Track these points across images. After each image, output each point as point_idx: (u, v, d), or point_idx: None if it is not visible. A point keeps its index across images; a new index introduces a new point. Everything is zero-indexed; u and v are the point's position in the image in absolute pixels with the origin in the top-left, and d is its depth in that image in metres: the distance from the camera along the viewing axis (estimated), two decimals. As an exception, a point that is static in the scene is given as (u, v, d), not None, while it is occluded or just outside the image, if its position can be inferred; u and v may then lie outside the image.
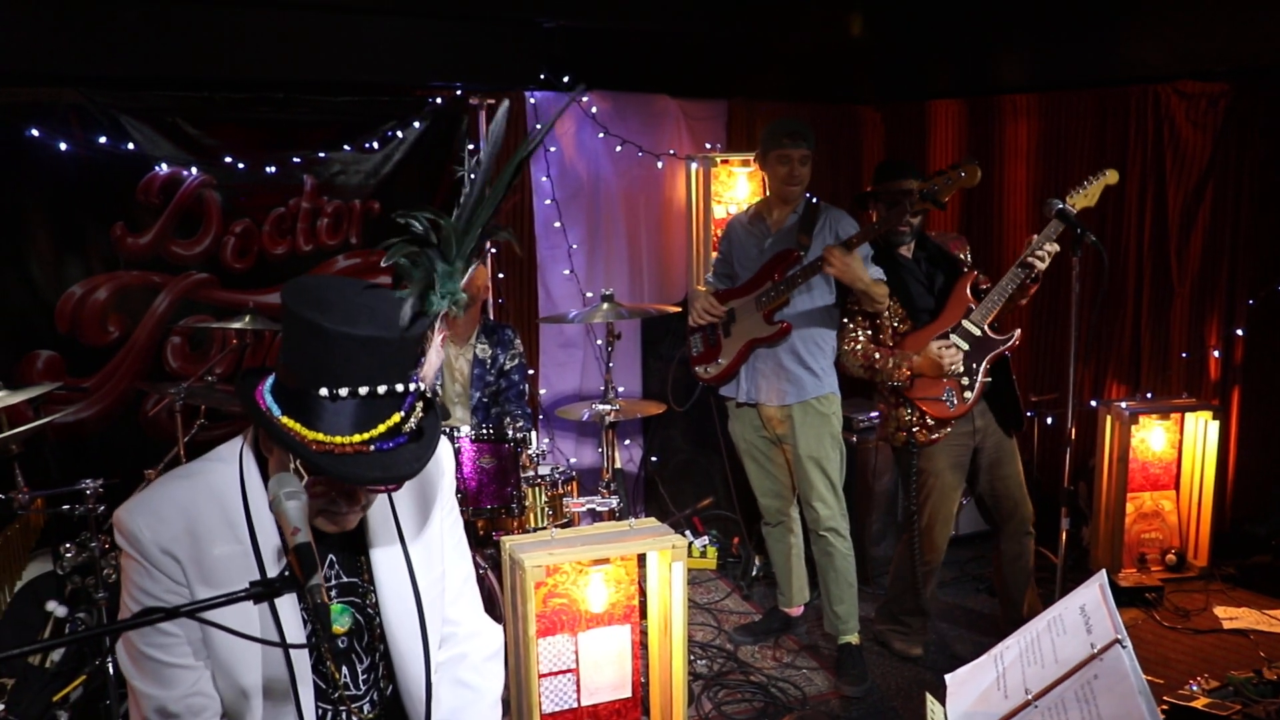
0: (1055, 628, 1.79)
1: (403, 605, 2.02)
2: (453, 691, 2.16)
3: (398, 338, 1.78)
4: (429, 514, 2.11)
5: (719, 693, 4.48)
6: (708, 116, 6.48)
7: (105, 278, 5.01)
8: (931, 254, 4.51)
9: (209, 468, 1.94)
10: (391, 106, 5.55)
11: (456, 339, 5.08)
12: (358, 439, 1.73)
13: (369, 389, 1.73)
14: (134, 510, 1.84)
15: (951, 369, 4.23)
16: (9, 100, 4.68)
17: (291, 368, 1.77)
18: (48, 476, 4.68)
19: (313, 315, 1.74)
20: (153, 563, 1.82)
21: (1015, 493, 4.46)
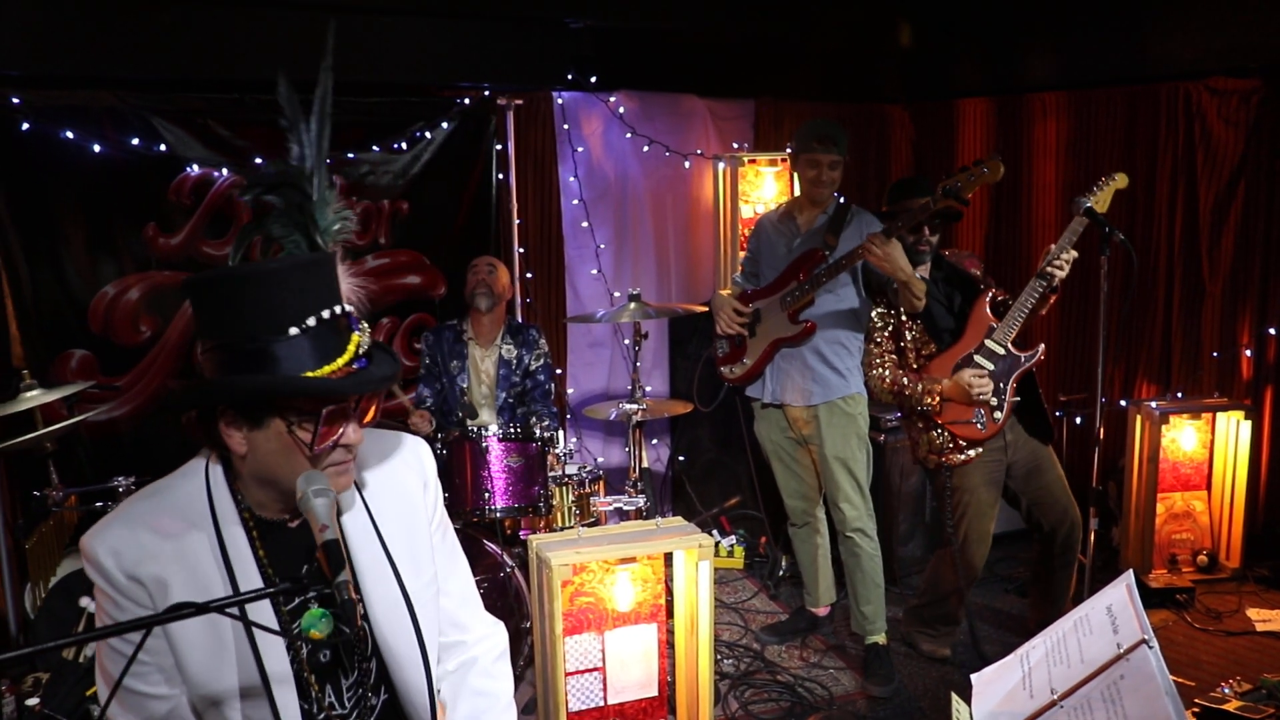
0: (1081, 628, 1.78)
1: (394, 613, 1.95)
2: (468, 700, 2.14)
3: (325, 258, 1.81)
4: (412, 519, 2.04)
5: (745, 692, 4.47)
6: (735, 116, 6.48)
7: (137, 278, 5.07)
8: (948, 274, 4.46)
9: (174, 485, 1.88)
10: (420, 107, 5.58)
11: (482, 340, 5.10)
12: (342, 361, 1.75)
13: (329, 311, 1.74)
14: (99, 537, 1.77)
15: (980, 398, 4.20)
16: (45, 103, 4.74)
17: (240, 335, 1.71)
18: (81, 474, 4.75)
19: (247, 270, 1.73)
20: (121, 591, 1.76)
21: (1061, 498, 4.39)
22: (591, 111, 6.07)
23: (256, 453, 1.79)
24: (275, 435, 1.76)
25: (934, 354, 4.35)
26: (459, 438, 4.45)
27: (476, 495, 4.40)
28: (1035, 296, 4.12)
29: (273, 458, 1.78)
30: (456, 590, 2.17)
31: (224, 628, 1.80)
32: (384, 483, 2.03)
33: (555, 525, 4.67)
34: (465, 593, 2.20)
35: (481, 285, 5.00)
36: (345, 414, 1.79)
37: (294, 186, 1.87)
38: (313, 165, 1.90)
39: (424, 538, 2.05)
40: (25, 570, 4.63)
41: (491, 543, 4.37)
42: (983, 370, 4.20)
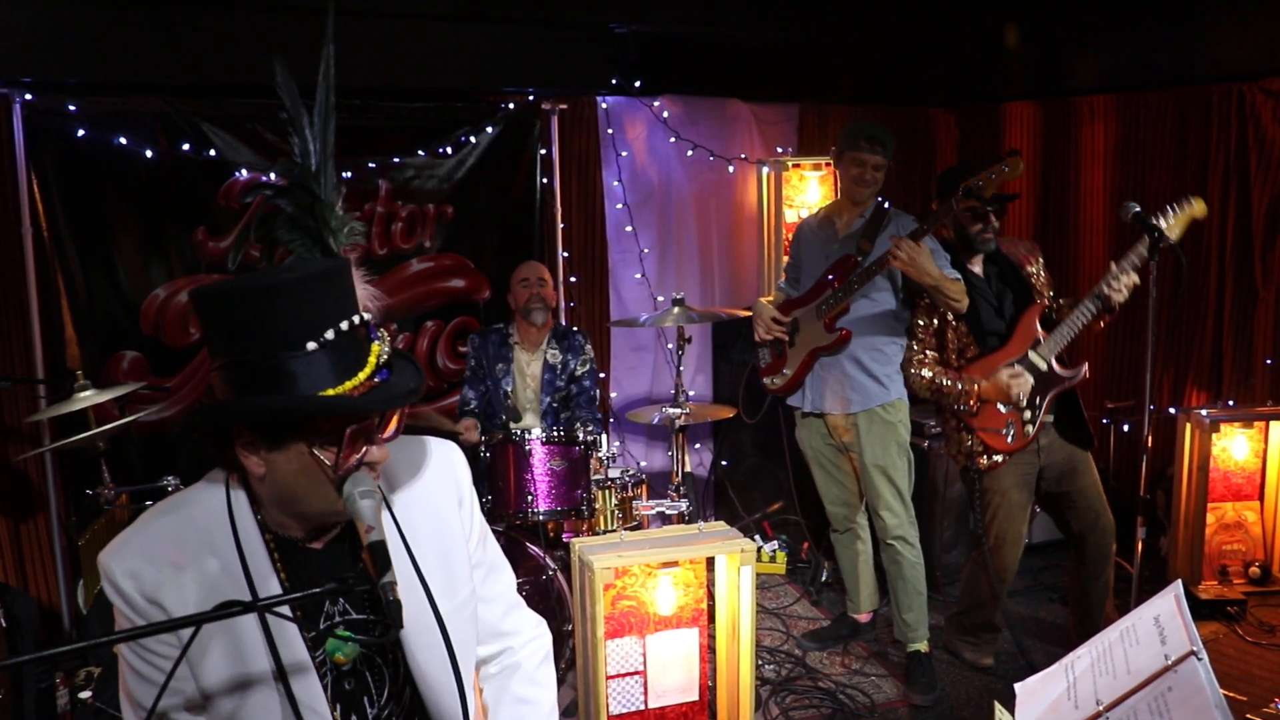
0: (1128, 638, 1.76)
1: (427, 636, 1.83)
2: (510, 708, 2.09)
3: (340, 265, 1.71)
4: (446, 536, 1.95)
5: (786, 698, 4.46)
6: (779, 120, 6.47)
7: (187, 280, 5.14)
8: (1003, 269, 4.38)
9: (193, 498, 1.80)
10: (465, 112, 5.61)
11: (527, 345, 5.12)
12: (363, 376, 1.66)
13: (347, 323, 1.65)
14: (118, 557, 1.71)
15: (1018, 398, 4.17)
16: (98, 110, 4.82)
17: (253, 353, 1.63)
18: (132, 473, 4.82)
19: (262, 282, 1.62)
20: (139, 614, 1.70)
21: (1094, 503, 4.34)
22: (636, 116, 6.09)
23: (276, 475, 1.70)
24: (296, 457, 1.68)
25: (976, 357, 4.32)
26: (503, 440, 4.48)
27: (519, 498, 4.42)
28: (1088, 316, 4.07)
29: (293, 479, 1.70)
30: (499, 597, 2.11)
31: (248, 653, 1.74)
32: (416, 498, 1.93)
33: (598, 528, 4.68)
34: (509, 599, 2.14)
35: (536, 299, 5.02)
36: (368, 431, 1.70)
37: (301, 187, 1.84)
38: (319, 163, 1.85)
39: (459, 556, 1.97)
40: (78, 566, 4.71)
41: (534, 545, 4.39)
42: (1020, 371, 4.17)
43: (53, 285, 4.89)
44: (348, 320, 1.65)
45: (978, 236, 4.25)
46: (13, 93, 4.67)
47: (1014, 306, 4.32)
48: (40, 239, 4.83)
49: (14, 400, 4.85)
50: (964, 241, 4.30)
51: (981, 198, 4.00)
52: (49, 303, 4.89)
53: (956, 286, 4.16)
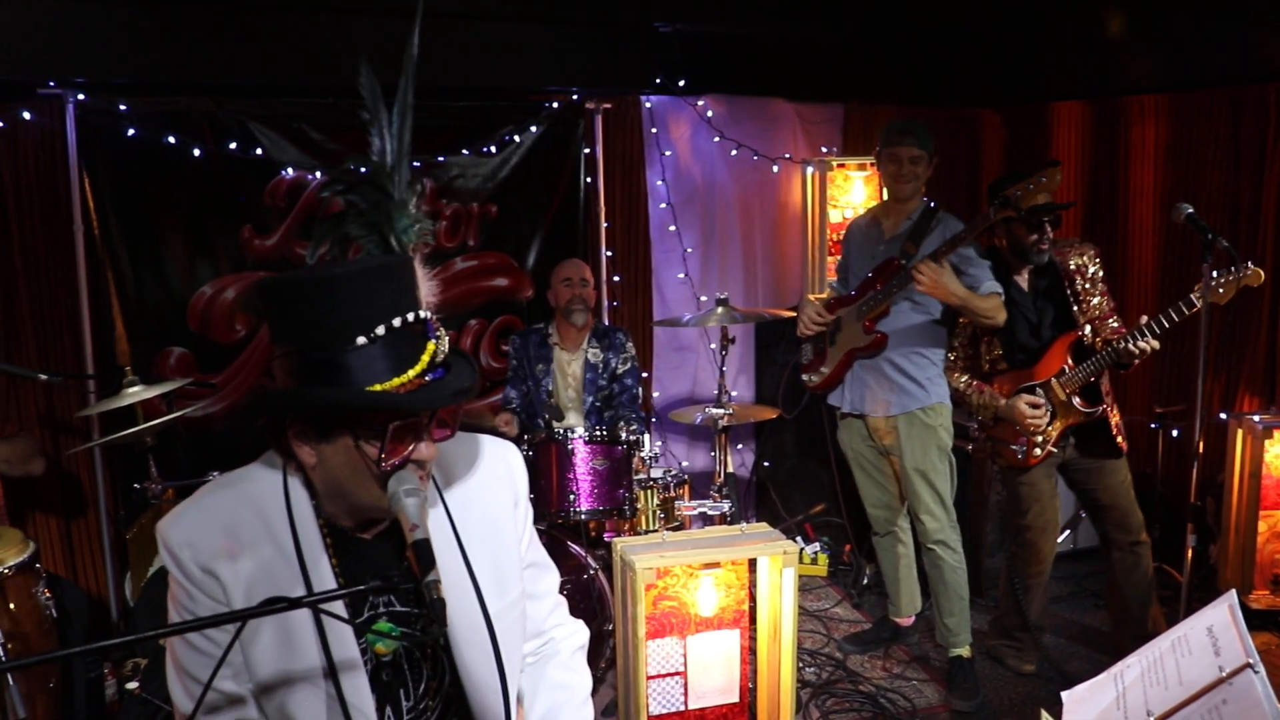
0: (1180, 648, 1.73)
1: (474, 634, 1.86)
2: (547, 694, 2.10)
3: (400, 262, 1.73)
4: (499, 536, 1.97)
5: (827, 701, 4.43)
6: (823, 120, 6.44)
7: (233, 278, 5.19)
8: (1051, 284, 4.30)
9: (252, 476, 1.84)
10: (509, 111, 5.63)
11: (568, 344, 5.13)
12: (413, 373, 1.67)
13: (400, 319, 1.66)
14: (176, 526, 1.75)
15: (1030, 430, 4.20)
16: (148, 109, 4.88)
17: (312, 343, 1.66)
18: (178, 468, 4.87)
19: (317, 274, 1.67)
20: (194, 583, 1.74)
21: (1121, 501, 4.30)
22: (679, 115, 6.08)
23: (325, 465, 1.74)
24: (343, 449, 1.70)
25: (1004, 370, 4.32)
26: (545, 440, 4.48)
27: (561, 497, 4.43)
28: (1103, 365, 4.06)
29: (340, 471, 1.73)
30: (545, 595, 2.14)
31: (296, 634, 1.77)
32: (472, 495, 1.95)
33: (639, 528, 4.68)
34: (553, 599, 2.17)
35: (577, 300, 5.02)
36: (415, 429, 1.72)
37: (374, 184, 1.85)
38: (394, 162, 1.87)
39: (511, 557, 1.98)
40: (126, 559, 4.77)
41: (575, 544, 4.39)
42: (1040, 402, 4.16)
43: (103, 282, 4.96)
44: (401, 317, 1.66)
45: (1033, 247, 4.18)
46: (66, 93, 4.74)
47: (1051, 329, 4.28)
48: (91, 236, 4.90)
49: (65, 395, 4.92)
50: (1017, 251, 4.24)
51: (1019, 208, 3.96)
52: (99, 299, 4.95)
53: (988, 303, 4.13)
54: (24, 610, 3.57)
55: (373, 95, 1.89)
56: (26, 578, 3.61)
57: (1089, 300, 4.23)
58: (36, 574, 3.67)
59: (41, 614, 3.64)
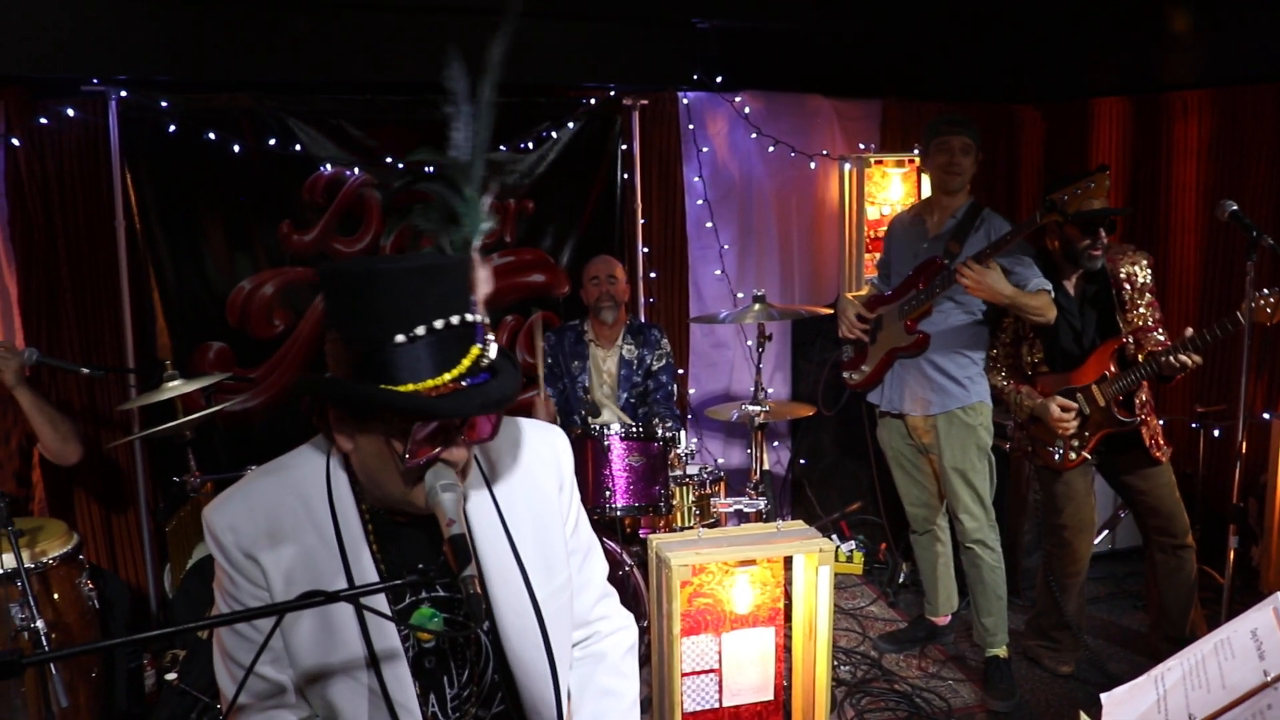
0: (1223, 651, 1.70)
1: (522, 621, 1.87)
2: (594, 700, 2.08)
3: (453, 262, 1.74)
4: (546, 521, 1.97)
5: (862, 700, 4.41)
6: (861, 116, 6.40)
7: (272, 273, 5.23)
8: (1100, 291, 4.24)
9: (296, 462, 1.87)
10: (547, 107, 5.63)
11: (603, 341, 5.13)
12: (448, 377, 1.66)
13: (443, 321, 1.66)
14: (220, 511, 1.78)
15: (1060, 434, 4.19)
16: (190, 106, 4.93)
17: (354, 333, 1.68)
18: (216, 461, 4.92)
19: (366, 267, 1.69)
20: (236, 568, 1.77)
21: (1165, 503, 4.25)
22: (717, 111, 6.06)
23: (359, 453, 1.76)
24: (374, 441, 1.72)
25: (1045, 373, 4.30)
26: (581, 436, 4.49)
27: (598, 493, 4.43)
28: (1146, 375, 4.02)
29: (372, 462, 1.75)
30: (591, 583, 2.12)
31: (337, 622, 1.78)
32: (517, 481, 1.96)
33: (675, 525, 4.68)
34: (601, 587, 2.16)
35: (605, 298, 5.03)
36: (445, 431, 1.72)
37: (447, 180, 1.86)
38: (470, 160, 1.88)
39: (558, 542, 1.98)
40: (165, 551, 4.82)
41: (611, 541, 4.39)
42: (1072, 406, 4.14)
43: (144, 277, 5.01)
44: (445, 319, 1.67)
45: (1085, 252, 4.12)
46: (109, 90, 4.79)
47: (1096, 335, 4.23)
48: (132, 232, 4.95)
49: (106, 389, 4.98)
50: (1069, 255, 4.18)
51: (1065, 213, 3.91)
52: (140, 294, 5.01)
53: (1038, 300, 4.08)
54: (67, 601, 3.62)
55: (457, 91, 1.91)
56: (70, 569, 3.66)
57: (1134, 309, 4.18)
58: (80, 565, 3.72)
59: (84, 604, 3.69)
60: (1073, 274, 4.25)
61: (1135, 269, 4.18)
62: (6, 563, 3.35)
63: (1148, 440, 4.18)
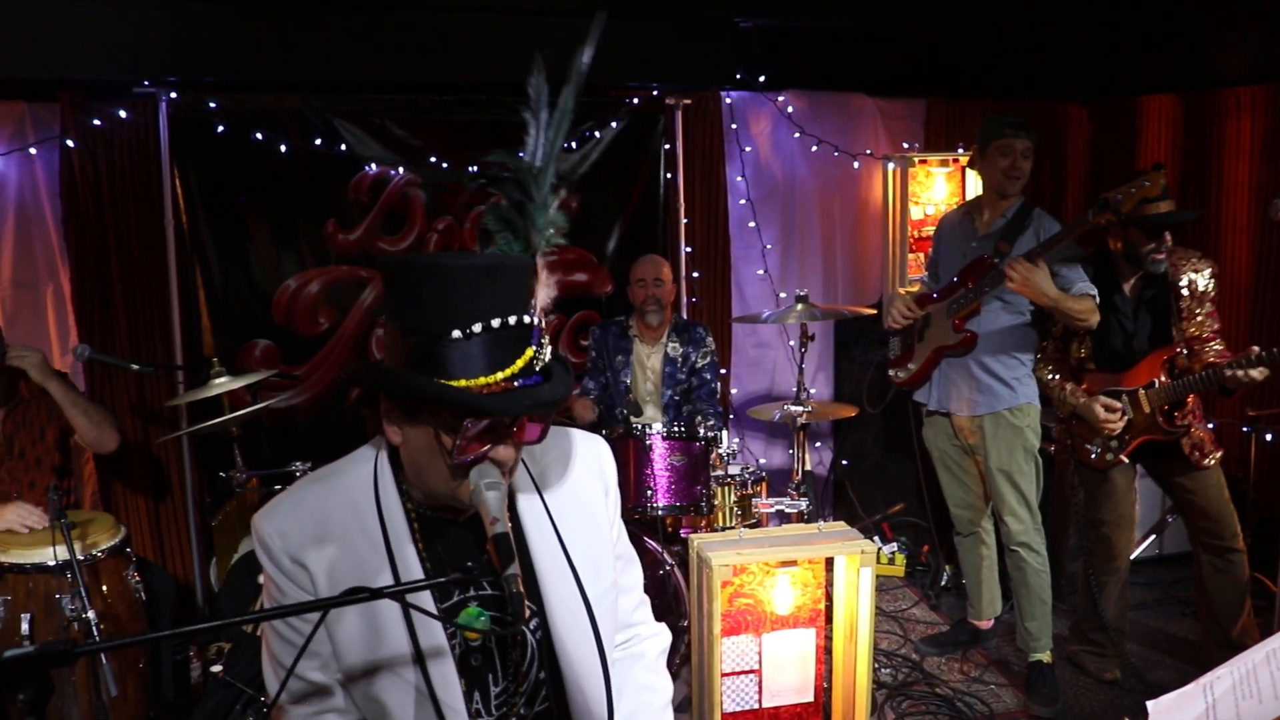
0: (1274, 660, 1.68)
1: (574, 619, 1.89)
2: (632, 696, 2.10)
3: (515, 263, 1.75)
4: (593, 525, 1.99)
5: (902, 703, 4.39)
6: (905, 116, 6.36)
7: (317, 272, 5.28)
8: (1158, 295, 4.16)
9: (344, 469, 1.88)
10: (589, 107, 5.64)
11: (647, 338, 5.13)
12: (501, 376, 1.68)
13: (500, 320, 1.68)
14: (268, 518, 1.80)
15: (1104, 433, 4.15)
16: (237, 107, 4.99)
17: (413, 325, 1.70)
18: (262, 457, 4.97)
19: (432, 261, 1.72)
20: (284, 573, 1.78)
21: (1213, 505, 4.18)
22: (760, 111, 6.05)
23: (408, 446, 1.78)
24: (424, 434, 1.74)
25: (1091, 370, 4.25)
26: (623, 434, 4.49)
27: (639, 492, 4.44)
28: (1202, 386, 3.96)
29: (420, 455, 1.76)
30: (632, 588, 2.15)
31: (383, 621, 1.78)
32: (565, 486, 1.98)
33: (716, 525, 4.67)
34: (639, 594, 2.19)
35: (651, 301, 5.03)
36: (496, 429, 1.73)
37: (518, 183, 1.87)
38: (542, 165, 1.89)
39: (605, 545, 2.01)
40: (212, 546, 4.88)
41: (652, 540, 4.39)
42: (1117, 406, 4.10)
43: (191, 275, 5.09)
44: (502, 319, 1.68)
45: (1148, 256, 4.04)
46: (159, 92, 4.87)
47: (1148, 341, 4.18)
48: (181, 231, 5.03)
49: (155, 385, 5.05)
50: (1131, 258, 4.11)
51: (1118, 212, 3.86)
52: (187, 292, 5.08)
53: (1081, 305, 4.03)
54: (115, 593, 3.68)
55: (538, 95, 1.93)
56: (118, 561, 3.72)
57: (1192, 318, 4.10)
58: (127, 558, 3.78)
59: (131, 597, 3.75)
60: (1132, 275, 4.18)
61: (1197, 276, 4.10)
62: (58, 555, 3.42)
63: (1188, 449, 4.12)
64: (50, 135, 4.78)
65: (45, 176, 4.83)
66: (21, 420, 4.04)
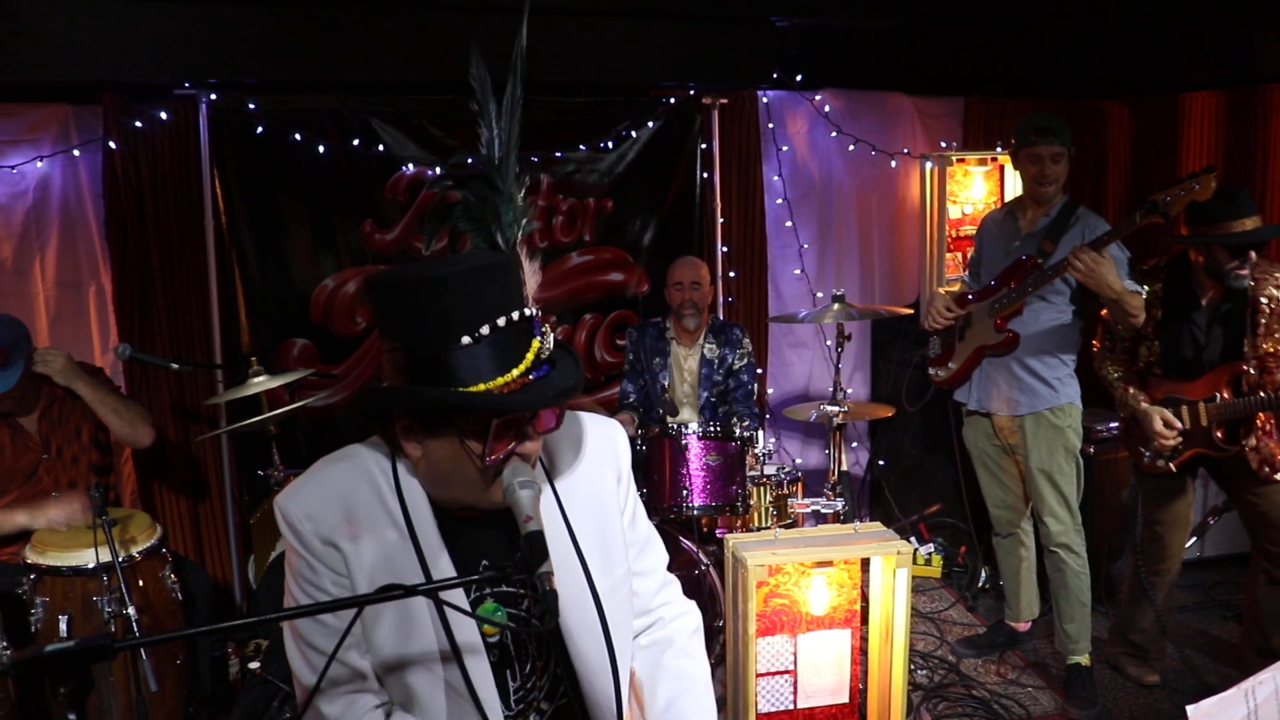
0: (1317, 665, 1.65)
1: (583, 614, 1.88)
2: (668, 683, 2.08)
3: (506, 260, 1.74)
4: (605, 514, 1.98)
5: (939, 705, 4.36)
6: (943, 114, 6.32)
7: (354, 271, 5.31)
8: (1234, 309, 4.03)
9: (362, 452, 1.88)
10: (626, 107, 5.65)
11: (684, 339, 5.13)
12: (515, 373, 1.68)
13: (505, 319, 1.68)
14: (294, 499, 1.80)
15: (1155, 447, 4.14)
16: (277, 107, 5.03)
17: (418, 341, 1.69)
18: (299, 455, 5.02)
19: (424, 273, 1.68)
20: (315, 555, 1.79)
21: (1273, 512, 4.12)
22: (796, 110, 6.03)
23: (430, 459, 1.77)
24: (448, 444, 1.73)
25: (1157, 375, 4.19)
26: (659, 434, 4.49)
27: (675, 492, 4.43)
28: (1260, 407, 3.93)
29: (444, 466, 1.76)
30: (652, 571, 2.13)
31: (416, 614, 1.80)
32: (577, 474, 1.97)
33: (752, 525, 4.66)
34: (662, 575, 2.16)
35: (688, 305, 5.02)
36: (518, 426, 1.74)
37: (482, 178, 1.86)
38: (501, 155, 1.88)
39: (616, 535, 1.99)
40: (250, 543, 4.92)
41: (687, 540, 4.39)
42: (1176, 424, 4.06)
43: (230, 275, 5.13)
44: (505, 316, 1.68)
45: (1230, 273, 3.92)
46: (200, 93, 4.91)
47: (1219, 354, 4.08)
48: (220, 231, 5.07)
49: (194, 384, 5.10)
50: (1213, 272, 3.99)
51: (1167, 214, 3.79)
52: (226, 292, 5.13)
53: (1136, 301, 3.98)
54: (152, 593, 3.73)
55: (482, 87, 1.91)
56: (154, 562, 3.76)
57: (1269, 336, 3.96)
58: (164, 558, 3.82)
59: (168, 597, 3.80)
60: (1211, 288, 4.06)
61: (1278, 292, 3.97)
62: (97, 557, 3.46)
63: (1256, 464, 4.03)
64: (93, 137, 4.84)
65: (88, 178, 4.90)
66: (56, 419, 4.09)
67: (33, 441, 4.02)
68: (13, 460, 3.97)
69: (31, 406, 4.02)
